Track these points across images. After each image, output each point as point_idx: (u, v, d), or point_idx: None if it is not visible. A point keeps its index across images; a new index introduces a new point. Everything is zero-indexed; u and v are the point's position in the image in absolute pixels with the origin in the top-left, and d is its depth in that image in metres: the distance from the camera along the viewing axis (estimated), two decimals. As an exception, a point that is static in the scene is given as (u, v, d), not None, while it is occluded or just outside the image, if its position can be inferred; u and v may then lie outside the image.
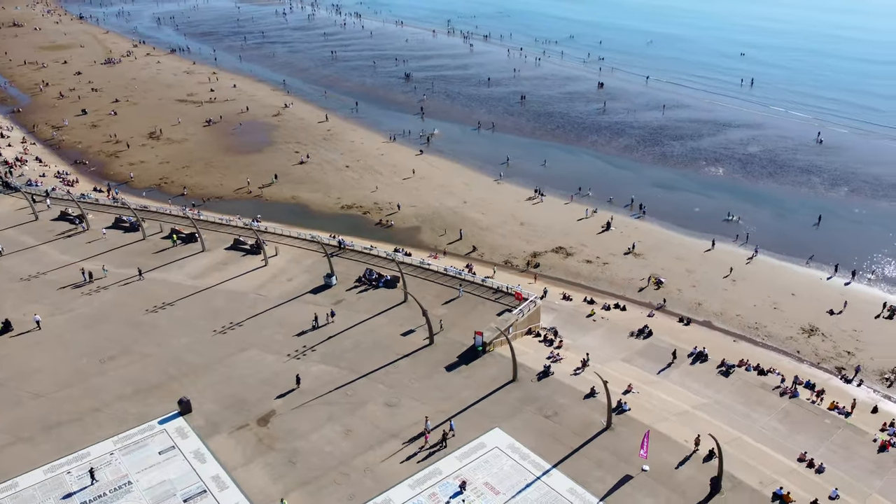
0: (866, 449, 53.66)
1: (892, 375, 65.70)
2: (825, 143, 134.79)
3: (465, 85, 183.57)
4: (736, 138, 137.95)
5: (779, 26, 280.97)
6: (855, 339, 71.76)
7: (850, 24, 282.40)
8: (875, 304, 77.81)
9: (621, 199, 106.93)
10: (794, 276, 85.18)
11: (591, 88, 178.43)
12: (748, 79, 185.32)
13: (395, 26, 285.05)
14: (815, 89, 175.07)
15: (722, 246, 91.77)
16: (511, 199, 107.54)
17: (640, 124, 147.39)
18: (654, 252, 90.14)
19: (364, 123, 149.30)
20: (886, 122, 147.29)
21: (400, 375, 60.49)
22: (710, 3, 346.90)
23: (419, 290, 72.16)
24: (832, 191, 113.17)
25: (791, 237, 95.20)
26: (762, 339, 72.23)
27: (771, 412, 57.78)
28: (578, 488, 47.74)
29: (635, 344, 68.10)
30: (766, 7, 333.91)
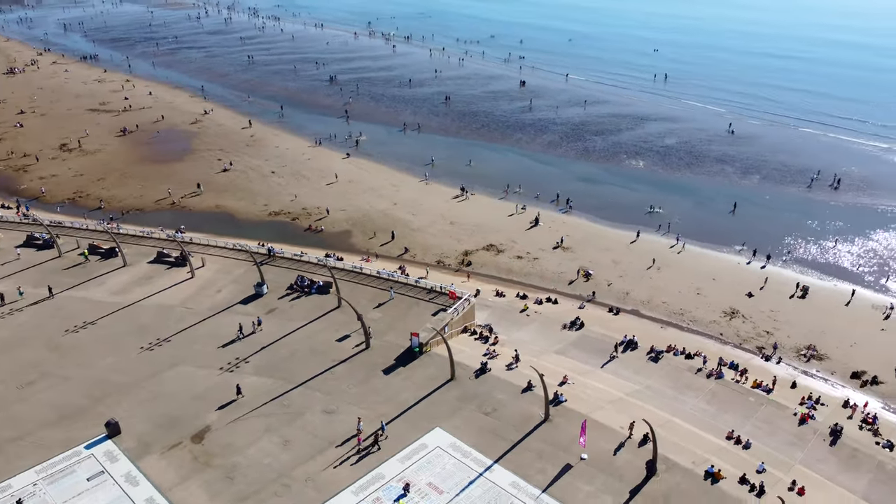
0: (788, 423, 56.53)
1: (808, 352, 69.41)
2: (737, 134, 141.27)
3: (389, 86, 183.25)
4: (654, 131, 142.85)
5: (688, 23, 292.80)
6: (772, 320, 75.45)
7: (753, 20, 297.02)
8: (789, 284, 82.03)
9: (548, 195, 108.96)
10: (714, 261, 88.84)
11: (513, 87, 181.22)
12: (662, 74, 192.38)
13: (315, 29, 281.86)
14: (724, 83, 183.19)
15: (646, 236, 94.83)
16: (440, 198, 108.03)
17: (563, 121, 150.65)
18: (581, 245, 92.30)
19: (288, 128, 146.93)
20: (789, 113, 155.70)
21: (337, 382, 59.83)
22: (622, 1, 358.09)
23: (353, 295, 71.59)
24: (745, 179, 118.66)
25: (710, 225, 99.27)
26: (688, 324, 75.02)
27: (699, 394, 60.13)
28: (521, 481, 48.40)
29: (568, 336, 69.58)
30: (676, 6, 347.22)
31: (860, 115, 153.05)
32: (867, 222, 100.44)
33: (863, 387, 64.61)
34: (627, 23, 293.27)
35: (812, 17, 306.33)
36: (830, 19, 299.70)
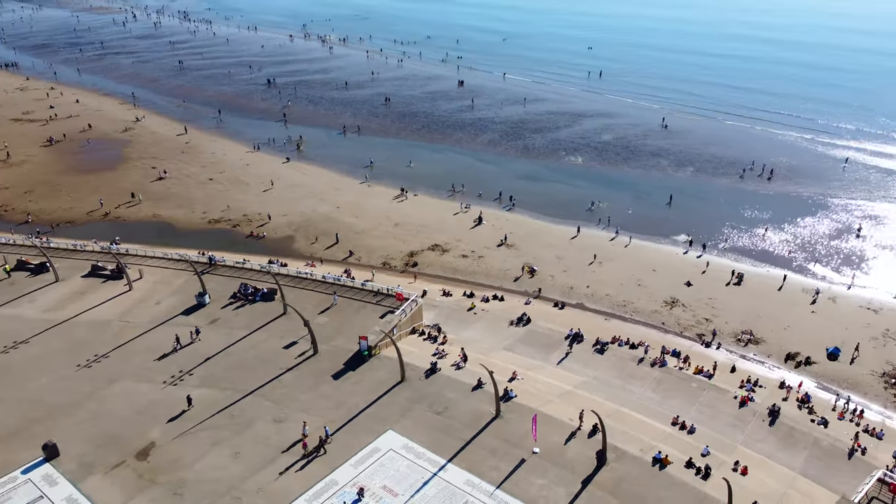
0: (729, 406, 58.54)
1: (745, 336, 72.00)
2: (670, 128, 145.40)
3: (327, 89, 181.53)
4: (591, 128, 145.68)
5: (619, 22, 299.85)
6: (711, 307, 77.95)
7: (681, 18, 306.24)
8: (725, 272, 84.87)
9: (490, 193, 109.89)
10: (653, 253, 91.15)
11: (452, 87, 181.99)
12: (596, 71, 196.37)
13: (248, 32, 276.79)
14: (656, 80, 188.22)
15: (587, 231, 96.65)
16: (383, 200, 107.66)
17: (502, 119, 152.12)
18: (525, 242, 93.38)
19: (225, 134, 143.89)
20: (718, 107, 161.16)
21: (286, 389, 58.94)
22: (553, 1, 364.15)
23: (298, 301, 70.63)
24: (680, 171, 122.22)
25: (647, 217, 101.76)
26: (630, 314, 76.80)
27: (644, 383, 61.65)
28: (475, 479, 48.66)
29: (516, 332, 70.33)
30: (607, 5, 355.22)
31: (786, 110, 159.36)
32: (795, 210, 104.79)
33: (797, 368, 67.41)
34: (560, 22, 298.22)
35: (738, 16, 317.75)
36: (756, 17, 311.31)
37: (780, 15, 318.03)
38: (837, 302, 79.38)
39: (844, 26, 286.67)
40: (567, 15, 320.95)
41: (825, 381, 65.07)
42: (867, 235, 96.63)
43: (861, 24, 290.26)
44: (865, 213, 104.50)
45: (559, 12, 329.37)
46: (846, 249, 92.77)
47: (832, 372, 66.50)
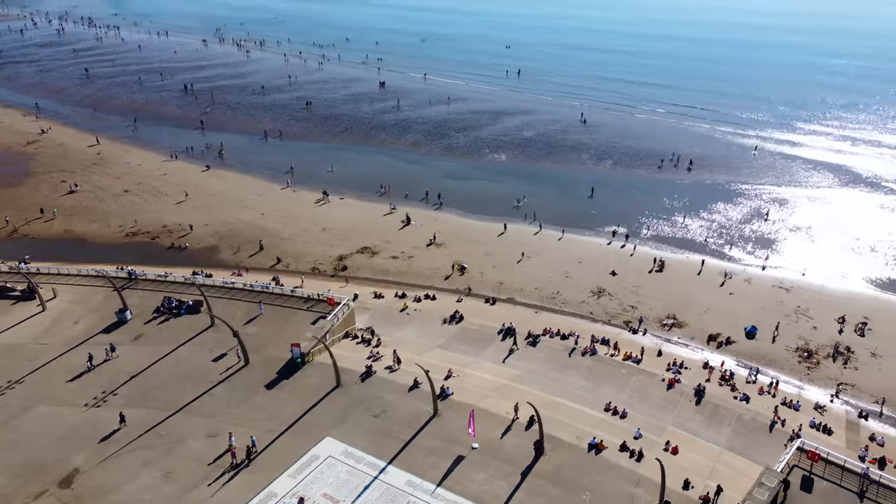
0: (657, 389, 60.59)
1: (669, 321, 74.68)
2: (589, 123, 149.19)
3: (245, 94, 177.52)
4: (513, 125, 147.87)
5: (534, 22, 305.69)
6: (636, 294, 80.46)
7: (594, 17, 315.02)
8: (647, 260, 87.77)
9: (417, 194, 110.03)
10: (578, 245, 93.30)
11: (373, 89, 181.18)
12: (515, 70, 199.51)
13: (159, 38, 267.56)
14: (573, 77, 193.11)
15: (513, 226, 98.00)
16: (309, 205, 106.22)
17: (425, 119, 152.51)
18: (454, 240, 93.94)
19: (140, 143, 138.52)
20: (633, 102, 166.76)
21: (218, 403, 57.34)
22: (469, 3, 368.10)
23: (226, 311, 68.82)
24: (600, 165, 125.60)
25: (571, 210, 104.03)
26: (560, 306, 78.39)
27: (577, 372, 63.06)
28: (416, 479, 48.66)
29: (449, 330, 70.66)
30: (523, 6, 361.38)
31: (697, 103, 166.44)
32: (711, 197, 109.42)
33: (718, 348, 70.39)
34: (476, 22, 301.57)
35: (649, 14, 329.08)
36: (667, 15, 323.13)
37: (692, 13, 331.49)
38: (752, 283, 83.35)
39: (750, 23, 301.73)
40: (484, 16, 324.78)
41: (745, 359, 68.14)
42: (775, 219, 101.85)
43: (762, 21, 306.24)
44: (773, 198, 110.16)
45: (475, 13, 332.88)
46: (757, 233, 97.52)
47: (751, 350, 69.75)
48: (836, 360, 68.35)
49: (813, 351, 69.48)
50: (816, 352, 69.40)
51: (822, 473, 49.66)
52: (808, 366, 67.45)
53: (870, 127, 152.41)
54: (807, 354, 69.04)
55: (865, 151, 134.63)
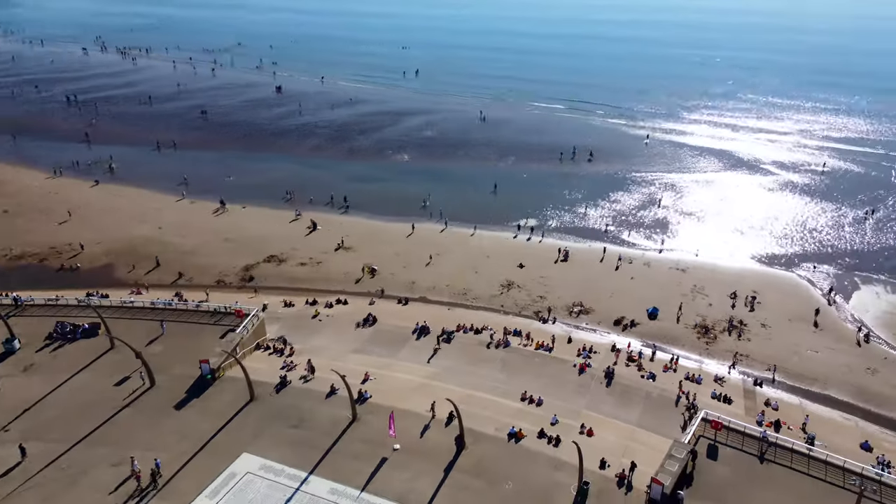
0: (570, 374, 62.46)
1: (576, 308, 77.16)
2: (488, 120, 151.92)
3: (134, 104, 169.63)
4: (414, 125, 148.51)
5: (429, 22, 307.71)
6: (543, 285, 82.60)
7: (488, 17, 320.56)
8: (552, 251, 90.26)
9: (322, 198, 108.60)
10: (486, 240, 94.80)
11: (270, 94, 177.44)
12: (412, 70, 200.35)
13: (33, 47, 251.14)
14: (469, 76, 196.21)
15: (421, 226, 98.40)
16: (209, 216, 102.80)
17: (325, 123, 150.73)
18: (363, 243, 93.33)
19: (19, 160, 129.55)
20: (529, 98, 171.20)
21: (123, 429, 54.50)
22: (364, 3, 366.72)
23: (128, 332, 65.42)
24: (501, 160, 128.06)
25: (477, 206, 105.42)
26: (472, 301, 79.41)
27: (492, 365, 64.06)
28: (339, 486, 48.09)
29: (364, 333, 70.12)
30: (412, 6, 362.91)
31: (591, 97, 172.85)
32: (608, 186, 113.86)
33: (624, 330, 73.34)
34: (370, 23, 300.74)
35: (541, 14, 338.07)
36: (561, 13, 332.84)
37: (588, 10, 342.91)
38: (651, 266, 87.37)
39: (636, 20, 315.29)
40: (376, 18, 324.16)
41: (649, 339, 71.30)
42: (668, 204, 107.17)
43: (648, 17, 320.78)
44: (665, 184, 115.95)
45: (370, 14, 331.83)
46: (653, 218, 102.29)
47: (654, 330, 73.09)
48: (731, 333, 72.68)
49: (710, 327, 73.60)
50: (713, 327, 73.56)
51: (726, 440, 52.75)
52: (707, 341, 71.39)
53: (746, 114, 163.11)
54: (705, 330, 73.06)
55: (744, 137, 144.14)
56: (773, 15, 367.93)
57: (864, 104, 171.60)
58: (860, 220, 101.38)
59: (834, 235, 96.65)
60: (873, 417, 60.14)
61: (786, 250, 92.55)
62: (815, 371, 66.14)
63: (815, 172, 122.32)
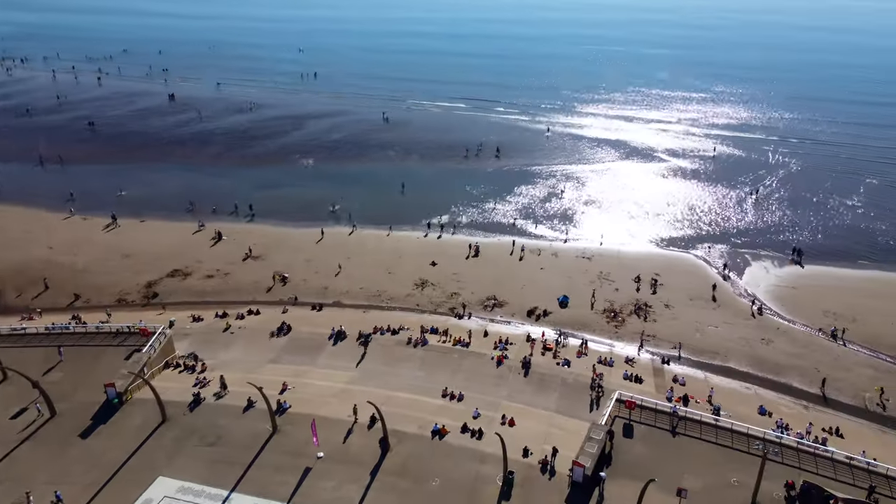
0: (488, 367, 63.44)
1: (490, 302, 78.38)
2: (392, 121, 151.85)
3: (10, 117, 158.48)
4: (318, 128, 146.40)
5: (324, 25, 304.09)
6: (457, 281, 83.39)
7: (385, 19, 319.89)
8: (463, 247, 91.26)
9: (226, 207, 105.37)
10: (397, 241, 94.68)
11: (163, 102, 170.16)
12: (311, 73, 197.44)
13: None
14: (368, 77, 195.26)
15: (331, 230, 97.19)
16: (103, 232, 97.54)
17: (225, 129, 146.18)
18: (272, 251, 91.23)
19: None
20: (429, 98, 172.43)
21: (22, 465, 51.07)
22: (257, 7, 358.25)
23: (21, 361, 61.29)
24: (407, 159, 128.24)
25: (386, 207, 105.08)
26: (387, 303, 79.17)
27: (411, 364, 64.16)
28: (263, 501, 46.94)
29: (278, 343, 68.56)
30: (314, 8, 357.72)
31: (495, 95, 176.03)
32: (514, 181, 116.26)
33: (537, 320, 75.13)
34: (260, 27, 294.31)
35: (440, 15, 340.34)
36: (461, 14, 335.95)
37: (489, 10, 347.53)
38: (559, 256, 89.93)
39: (524, 18, 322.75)
40: (275, 23, 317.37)
41: (561, 327, 73.33)
42: (571, 196, 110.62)
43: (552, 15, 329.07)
44: (567, 175, 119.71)
45: (264, 19, 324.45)
46: (558, 209, 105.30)
47: (565, 318, 75.26)
48: (638, 315, 75.86)
49: (618, 311, 76.53)
50: (621, 311, 76.52)
51: (640, 419, 55.10)
52: (616, 325, 74.19)
53: (639, 105, 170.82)
54: (613, 314, 75.89)
55: (638, 127, 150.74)
56: (661, 11, 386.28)
57: (745, 92, 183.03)
58: (746, 200, 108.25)
59: (724, 216, 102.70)
60: (770, 384, 64.39)
61: (682, 233, 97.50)
62: (716, 345, 70.06)
63: (704, 158, 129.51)
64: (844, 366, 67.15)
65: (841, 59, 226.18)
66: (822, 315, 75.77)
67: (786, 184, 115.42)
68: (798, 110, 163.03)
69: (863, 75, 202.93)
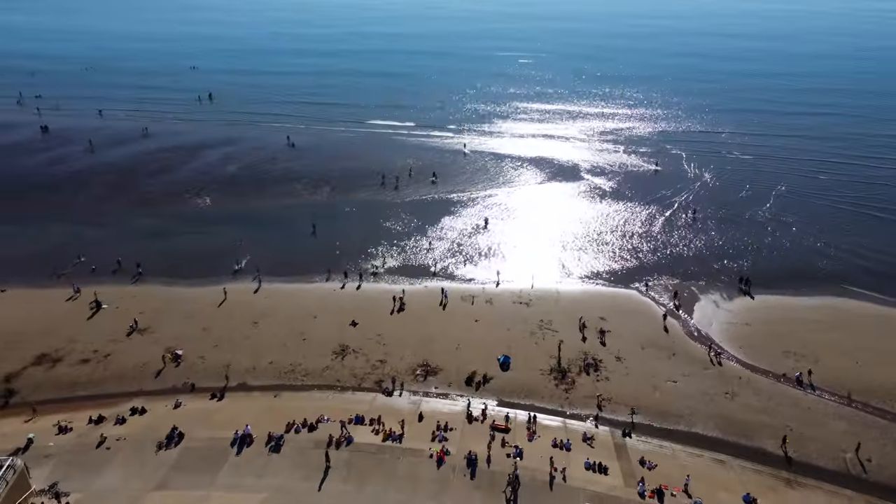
0: (427, 469, 53.32)
1: (422, 370, 68.20)
2: (297, 147, 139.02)
3: None
4: (214, 160, 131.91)
5: (213, 44, 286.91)
6: (382, 344, 72.73)
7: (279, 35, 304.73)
8: (386, 299, 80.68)
9: (108, 265, 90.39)
10: (310, 295, 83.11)
11: (33, 135, 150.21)
12: (206, 94, 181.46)
13: None
14: (270, 99, 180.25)
15: (234, 287, 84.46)
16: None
17: (107, 166, 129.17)
18: (163, 320, 77.74)
19: None
20: (339, 119, 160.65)
21: None
22: (137, 23, 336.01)
23: None
24: (317, 193, 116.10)
25: (295, 254, 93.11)
26: (302, 380, 67.60)
27: (334, 473, 53.23)
28: None
29: (168, 457, 55.85)
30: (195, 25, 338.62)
31: (403, 115, 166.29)
32: (437, 212, 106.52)
33: (477, 389, 65.66)
34: (146, 49, 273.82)
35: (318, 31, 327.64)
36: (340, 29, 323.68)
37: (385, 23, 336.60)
38: (494, 303, 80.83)
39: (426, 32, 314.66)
40: (154, 42, 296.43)
41: (505, 396, 64.28)
42: (498, 228, 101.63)
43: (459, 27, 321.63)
44: (492, 202, 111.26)
45: (141, 37, 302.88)
46: (486, 245, 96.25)
47: (509, 383, 66.18)
48: (588, 373, 67.64)
49: (566, 369, 68.03)
50: (569, 369, 68.07)
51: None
52: (566, 387, 65.62)
53: (556, 118, 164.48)
54: (562, 375, 67.30)
55: (558, 144, 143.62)
56: (569, 20, 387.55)
57: (674, 103, 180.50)
58: (686, 224, 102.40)
59: (665, 242, 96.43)
60: (743, 451, 57.32)
61: (621, 265, 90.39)
62: (677, 406, 62.58)
63: (638, 176, 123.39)
64: (817, 420, 61.08)
65: (753, 67, 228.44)
66: (782, 356, 69.89)
67: (718, 202, 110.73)
68: (719, 120, 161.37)
69: (764, 84, 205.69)
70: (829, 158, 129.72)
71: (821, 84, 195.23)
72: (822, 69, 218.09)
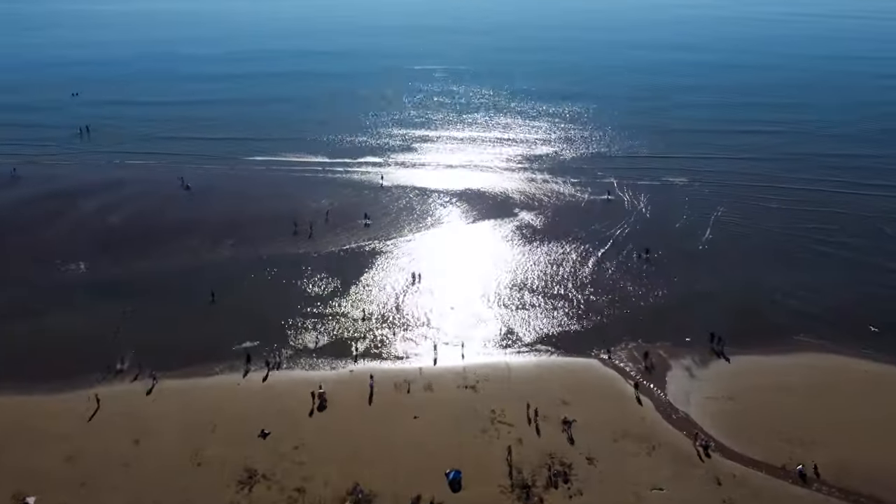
0: None
1: (351, 497, 53.98)
2: (193, 189, 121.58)
3: None
4: (90, 210, 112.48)
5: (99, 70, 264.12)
6: (299, 462, 57.85)
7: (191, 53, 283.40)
8: (303, 393, 65.71)
9: (-56, 368, 71.41)
10: (208, 393, 67.27)
11: None
12: (84, 126, 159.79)
13: None
14: (159, 133, 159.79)
15: (111, 391, 67.37)
16: None
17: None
18: (10, 448, 60.05)
19: None
20: (240, 154, 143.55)
21: None
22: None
23: None
24: (217, 249, 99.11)
25: (189, 335, 76.42)
26: (196, 529, 52.23)
27: None
28: None
29: None
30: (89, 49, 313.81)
31: (309, 147, 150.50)
32: (357, 266, 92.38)
33: (425, 522, 52.15)
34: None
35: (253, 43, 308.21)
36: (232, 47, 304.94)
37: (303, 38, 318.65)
38: (434, 389, 67.60)
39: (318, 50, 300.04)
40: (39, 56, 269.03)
41: (461, 531, 51.09)
42: (430, 284, 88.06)
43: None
44: (420, 249, 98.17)
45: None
46: (418, 308, 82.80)
47: (463, 509, 52.97)
48: (557, 486, 55.21)
49: (530, 483, 55.33)
50: (534, 482, 55.40)
51: None
52: (531, 509, 53.01)
53: (482, 143, 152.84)
54: (526, 492, 54.54)
55: (488, 175, 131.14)
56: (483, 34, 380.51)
57: (605, 122, 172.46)
58: (640, 268, 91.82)
59: (620, 293, 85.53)
60: (761, 591, 46.22)
61: (576, 324, 78.88)
62: (671, 528, 51.04)
63: (574, 208, 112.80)
64: (834, 531, 50.79)
65: (670, 80, 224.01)
66: (777, 441, 59.68)
67: (665, 237, 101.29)
68: (653, 142, 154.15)
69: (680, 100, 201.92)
70: (776, 183, 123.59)
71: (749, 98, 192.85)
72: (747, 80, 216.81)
